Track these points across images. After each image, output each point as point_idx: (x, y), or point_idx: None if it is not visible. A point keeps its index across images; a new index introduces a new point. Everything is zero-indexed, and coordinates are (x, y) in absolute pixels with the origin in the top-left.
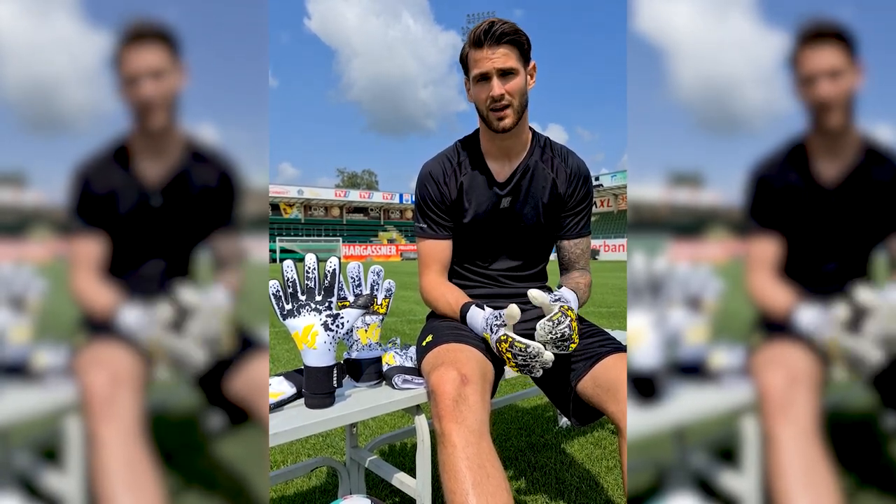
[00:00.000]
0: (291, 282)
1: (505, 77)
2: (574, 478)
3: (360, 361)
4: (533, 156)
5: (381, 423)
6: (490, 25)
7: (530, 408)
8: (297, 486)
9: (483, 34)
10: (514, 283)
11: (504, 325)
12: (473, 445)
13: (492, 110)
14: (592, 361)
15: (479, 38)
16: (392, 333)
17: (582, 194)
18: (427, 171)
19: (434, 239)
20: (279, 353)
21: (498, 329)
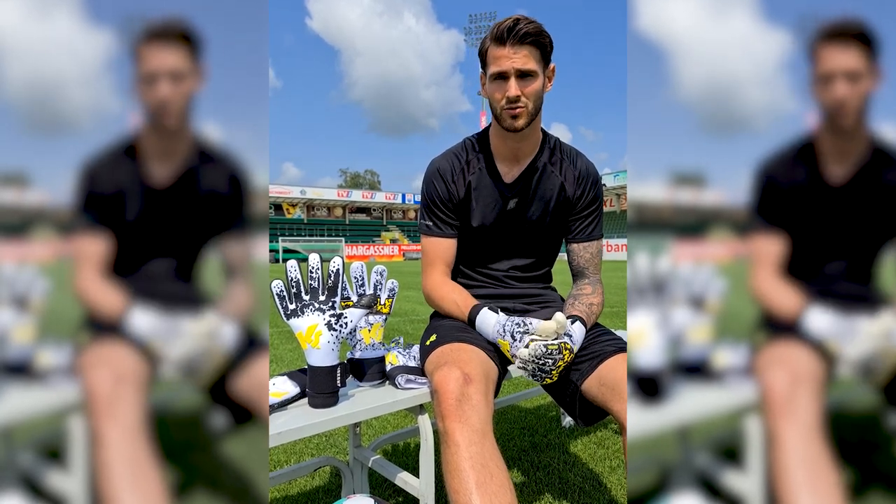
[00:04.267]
0: (295, 281)
1: (523, 79)
2: (577, 477)
3: (363, 361)
4: (542, 157)
5: (384, 423)
6: (514, 23)
7: (533, 408)
8: (300, 485)
9: (507, 31)
10: (518, 283)
11: (528, 333)
12: (477, 445)
13: (506, 110)
14: (597, 361)
15: (503, 35)
16: (395, 333)
17: (590, 197)
18: (435, 168)
19: (439, 237)
20: (283, 353)
21: (522, 336)
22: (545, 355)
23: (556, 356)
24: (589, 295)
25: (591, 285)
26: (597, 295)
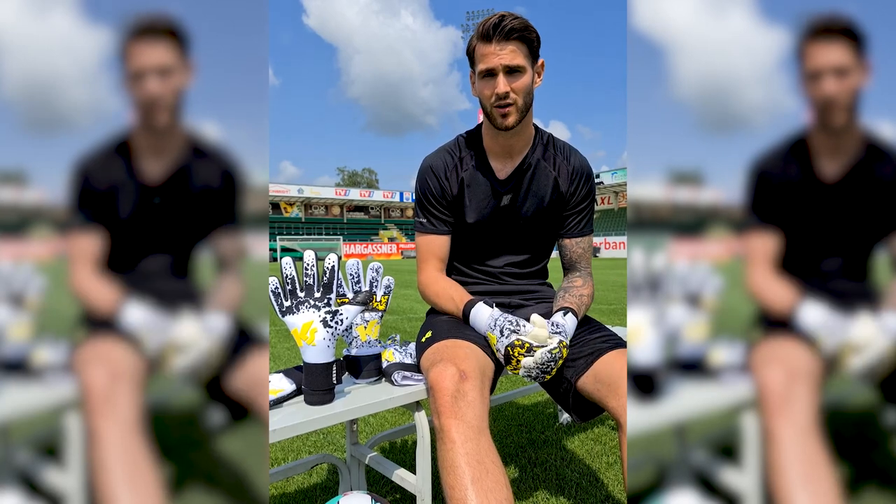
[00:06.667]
0: (290, 279)
1: (511, 74)
2: (574, 474)
3: (359, 358)
4: (535, 153)
5: (381, 420)
6: (500, 20)
7: (530, 404)
8: (297, 482)
9: (492, 28)
10: (514, 279)
11: (516, 332)
12: (472, 441)
13: (496, 107)
14: (593, 357)
15: (488, 33)
16: (392, 331)
17: (584, 193)
18: (428, 165)
19: (433, 234)
20: (279, 352)
21: (510, 334)
22: (549, 360)
23: (557, 357)
24: (580, 287)
25: (582, 278)
26: (587, 287)
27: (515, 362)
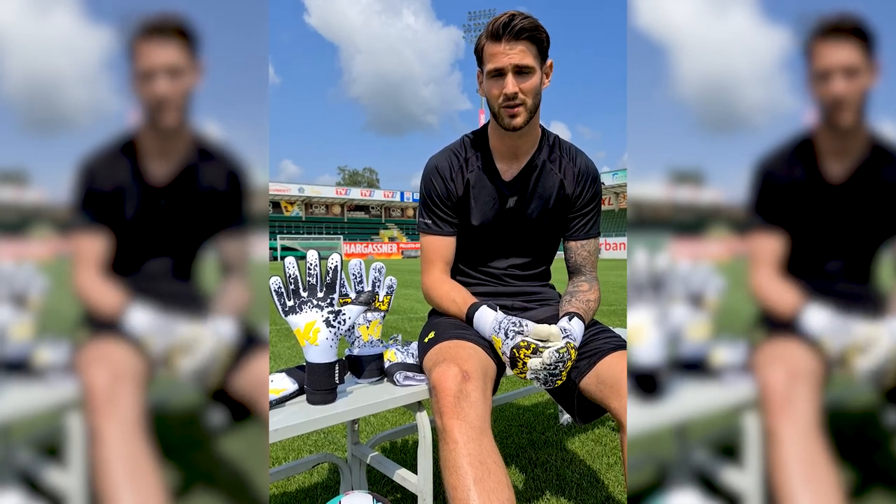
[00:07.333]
0: (293, 278)
1: (520, 75)
2: (575, 474)
3: (361, 358)
4: (541, 155)
5: (382, 420)
6: (510, 19)
7: (531, 405)
8: (298, 482)
9: (502, 27)
10: (517, 281)
11: (521, 333)
12: (475, 441)
13: (504, 107)
14: (596, 358)
15: (498, 32)
16: (394, 331)
17: (590, 195)
18: (433, 166)
19: (438, 235)
20: (281, 351)
21: (515, 335)
22: (557, 361)
23: (565, 358)
24: (586, 292)
25: (588, 282)
26: (593, 291)
27: (522, 364)
